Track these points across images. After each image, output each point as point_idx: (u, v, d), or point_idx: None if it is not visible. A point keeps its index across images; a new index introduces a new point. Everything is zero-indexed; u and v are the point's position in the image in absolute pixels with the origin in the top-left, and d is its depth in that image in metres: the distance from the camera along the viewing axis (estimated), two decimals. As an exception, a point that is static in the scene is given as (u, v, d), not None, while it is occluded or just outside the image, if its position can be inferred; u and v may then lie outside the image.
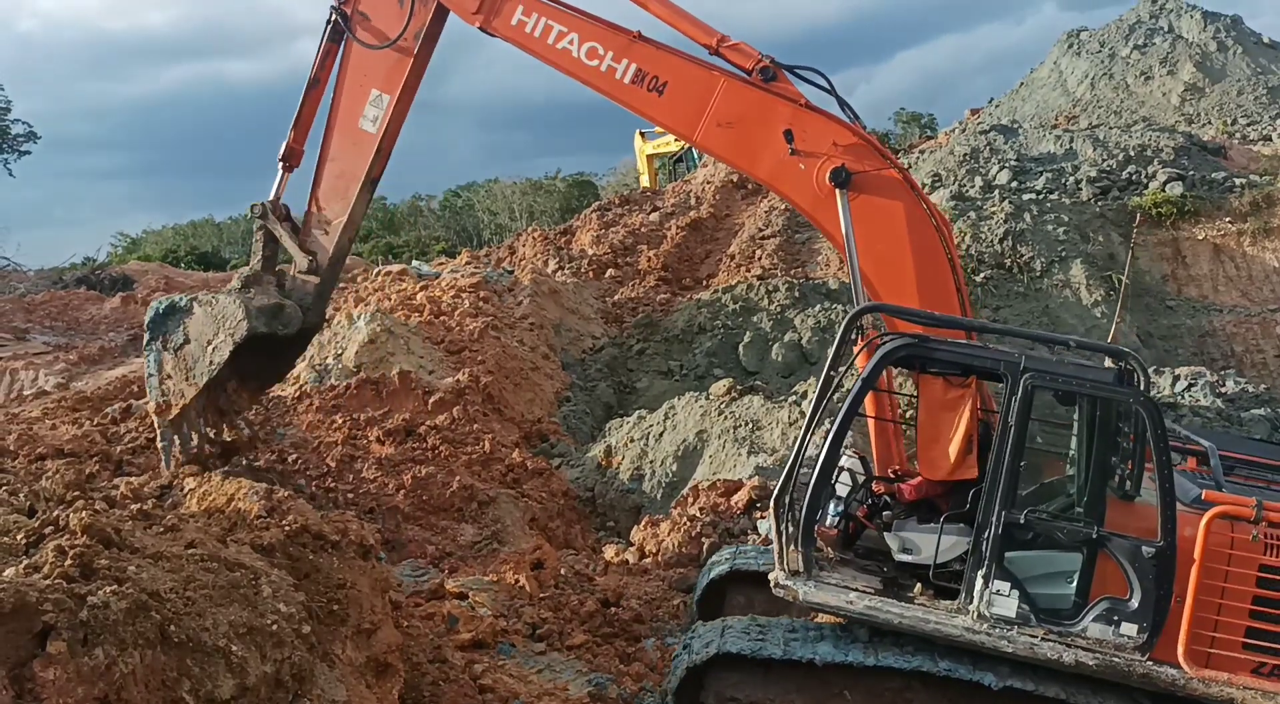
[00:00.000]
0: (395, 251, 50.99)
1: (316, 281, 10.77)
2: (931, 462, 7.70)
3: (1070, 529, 7.03)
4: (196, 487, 8.08)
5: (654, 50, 9.16)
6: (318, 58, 10.54)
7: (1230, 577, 6.84)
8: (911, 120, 65.86)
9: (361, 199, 10.64)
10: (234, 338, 10.29)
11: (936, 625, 7.09)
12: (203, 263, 49.81)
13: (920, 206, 8.57)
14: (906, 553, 7.59)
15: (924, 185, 28.35)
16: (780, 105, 8.84)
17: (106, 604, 4.81)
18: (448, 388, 15.86)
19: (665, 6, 9.46)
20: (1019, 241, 24.49)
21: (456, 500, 12.96)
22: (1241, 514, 6.82)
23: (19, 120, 57.73)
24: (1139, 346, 22.67)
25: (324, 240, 10.75)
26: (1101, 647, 6.94)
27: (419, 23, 10.00)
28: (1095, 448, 7.19)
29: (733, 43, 9.11)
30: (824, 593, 7.28)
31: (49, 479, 8.15)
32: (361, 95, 10.35)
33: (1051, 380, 7.11)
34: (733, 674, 7.54)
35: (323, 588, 6.94)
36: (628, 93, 9.22)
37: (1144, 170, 27.24)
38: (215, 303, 10.51)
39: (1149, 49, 39.89)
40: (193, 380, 10.55)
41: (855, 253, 8.45)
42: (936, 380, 7.80)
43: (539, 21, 9.44)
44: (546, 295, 23.32)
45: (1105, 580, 6.99)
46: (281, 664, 5.71)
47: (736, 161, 9.54)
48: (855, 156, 8.57)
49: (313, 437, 14.14)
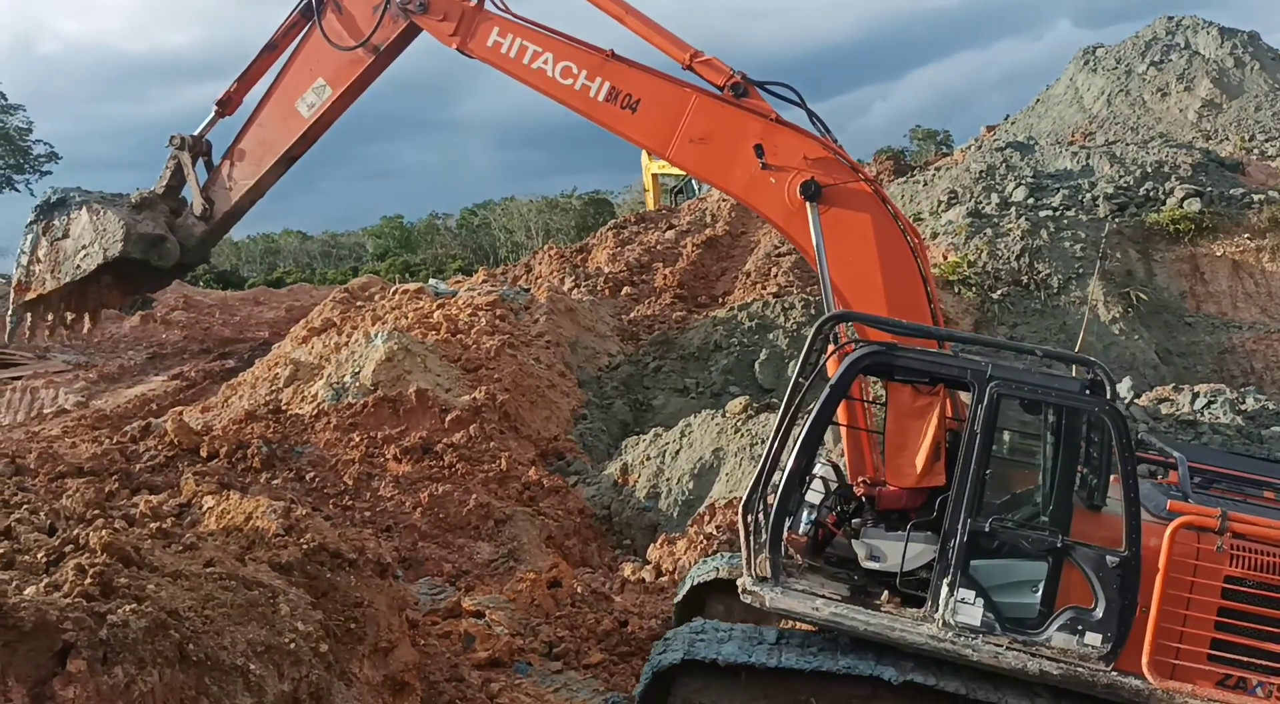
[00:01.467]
0: (412, 269, 51.24)
1: (204, 229, 10.97)
2: (899, 469, 7.76)
3: (1035, 538, 7.01)
4: (215, 504, 8.11)
5: (627, 69, 9.34)
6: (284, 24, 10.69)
7: (1196, 588, 6.81)
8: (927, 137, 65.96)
9: (273, 171, 10.83)
10: (105, 254, 10.61)
11: (901, 633, 7.08)
12: (221, 281, 50.09)
13: (890, 218, 8.67)
14: (873, 560, 7.57)
15: (939, 202, 28.33)
16: (751, 120, 8.98)
17: (126, 622, 4.83)
18: (464, 406, 15.90)
19: (641, 22, 9.61)
20: (1035, 258, 24.43)
21: (473, 518, 12.97)
22: (1206, 525, 6.80)
23: (40, 141, 58.42)
24: (1157, 364, 22.56)
25: (226, 195, 10.94)
26: (1066, 656, 6.91)
27: (384, 35, 10.17)
28: (1061, 457, 7.21)
29: (705, 58, 9.27)
30: (790, 599, 7.28)
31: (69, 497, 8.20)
32: (307, 78, 10.53)
33: (1017, 389, 7.11)
34: (699, 680, 7.55)
35: (340, 606, 6.95)
36: (602, 111, 9.37)
37: (1161, 187, 27.14)
38: (102, 214, 10.72)
39: (1165, 65, 39.83)
40: (56, 275, 10.87)
41: (826, 264, 8.58)
42: (905, 388, 7.84)
43: (514, 42, 9.64)
44: (563, 313, 23.35)
45: (1071, 590, 6.97)
46: (299, 683, 5.72)
47: (710, 177, 9.72)
48: (826, 170, 8.70)
49: (330, 454, 14.18)
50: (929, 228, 26.97)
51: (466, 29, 9.78)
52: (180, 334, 27.85)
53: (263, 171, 10.80)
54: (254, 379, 19.00)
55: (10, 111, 56.76)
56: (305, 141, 10.72)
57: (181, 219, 11.03)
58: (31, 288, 10.90)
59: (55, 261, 10.90)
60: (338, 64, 10.36)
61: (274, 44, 10.76)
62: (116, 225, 10.61)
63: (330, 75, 10.41)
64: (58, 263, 10.89)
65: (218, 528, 7.52)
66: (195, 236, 11.00)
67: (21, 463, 11.26)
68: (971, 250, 24.95)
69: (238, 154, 10.91)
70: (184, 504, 8.79)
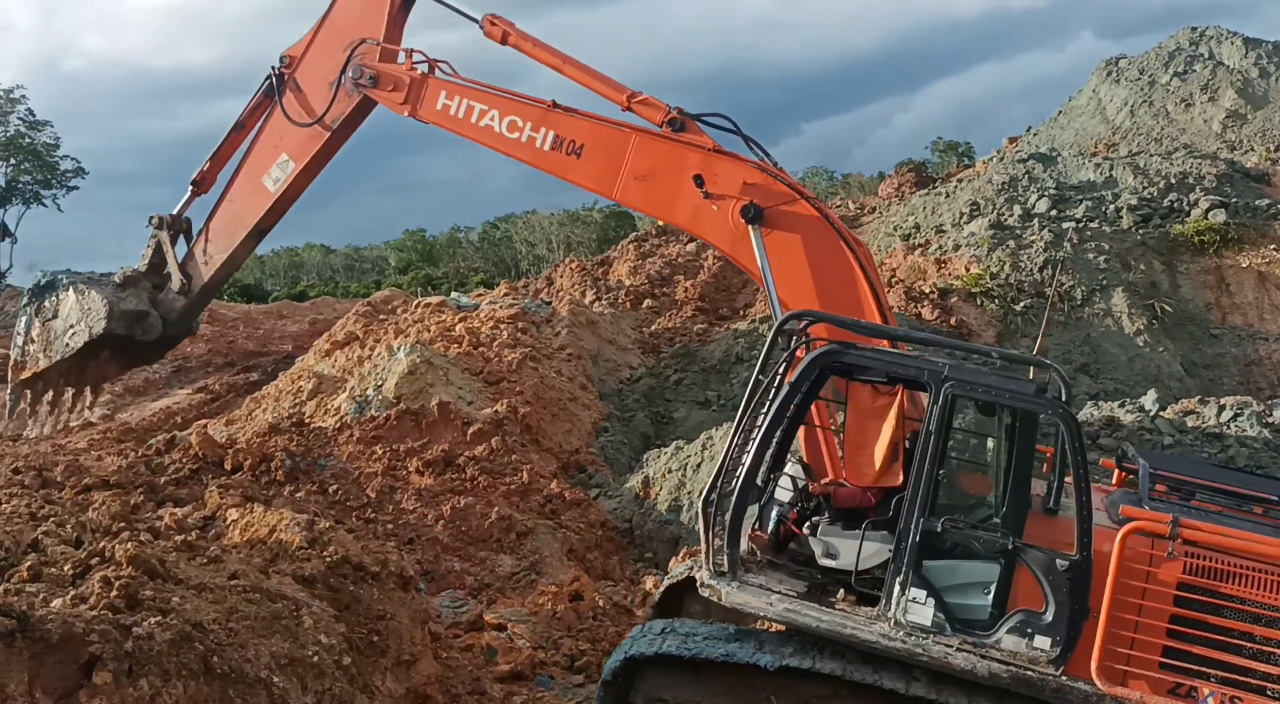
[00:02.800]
0: (434, 283, 51.42)
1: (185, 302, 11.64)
2: (858, 468, 7.83)
3: (987, 539, 7.00)
4: (239, 517, 8.15)
5: (568, 117, 9.75)
6: (249, 104, 11.39)
7: (1148, 594, 6.76)
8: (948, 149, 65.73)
9: (246, 244, 11.53)
10: (91, 332, 11.29)
11: (853, 631, 7.06)
12: (245, 295, 50.40)
13: (832, 233, 8.91)
14: (829, 558, 7.56)
15: (961, 214, 28.24)
16: (690, 153, 9.30)
17: (151, 635, 4.87)
18: (486, 419, 15.93)
19: (578, 69, 10.08)
20: (1059, 270, 24.31)
21: (495, 531, 12.98)
22: (1157, 531, 6.73)
23: (68, 156, 58.96)
24: (1182, 376, 22.38)
25: (202, 269, 11.63)
26: (1015, 659, 6.87)
27: (340, 109, 10.82)
28: (1015, 459, 7.22)
29: (642, 97, 9.68)
30: (746, 594, 7.30)
31: (95, 510, 8.28)
32: (272, 154, 11.18)
33: (971, 390, 7.12)
34: (662, 675, 7.60)
35: (363, 619, 6.98)
36: (549, 160, 9.79)
37: (1186, 198, 26.97)
38: (87, 294, 11.37)
39: (1189, 76, 39.60)
40: (49, 354, 11.57)
41: (772, 283, 8.85)
42: (865, 388, 7.97)
43: (461, 103, 10.14)
44: (584, 326, 23.38)
45: (1022, 593, 6.94)
46: (322, 695, 5.74)
47: (656, 212, 10.10)
48: (764, 193, 8.97)
49: (353, 467, 14.22)
50: (951, 240, 26.87)
51: (415, 97, 10.36)
52: (204, 347, 28.01)
53: (235, 245, 11.43)
54: (278, 392, 19.09)
55: (38, 128, 57.28)
56: (274, 214, 11.37)
57: (163, 294, 11.70)
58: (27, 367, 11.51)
59: (47, 341, 11.64)
60: (299, 140, 10.98)
61: (241, 124, 11.49)
62: (100, 304, 11.27)
63: (293, 151, 11.04)
64: (49, 342, 11.62)
65: (242, 541, 7.57)
66: (176, 310, 11.68)
67: (48, 475, 11.34)
68: (994, 262, 24.85)
69: (212, 230, 11.55)
70: (208, 517, 8.85)
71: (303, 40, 11.20)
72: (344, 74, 10.65)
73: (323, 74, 10.90)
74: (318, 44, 11.07)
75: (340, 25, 10.97)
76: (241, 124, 11.46)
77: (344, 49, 10.74)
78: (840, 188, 62.50)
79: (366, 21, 10.82)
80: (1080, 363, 22.23)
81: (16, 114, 56.19)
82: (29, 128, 56.83)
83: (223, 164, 11.65)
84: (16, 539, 6.35)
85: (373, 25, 10.78)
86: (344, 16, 10.99)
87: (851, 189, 58.61)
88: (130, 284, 11.56)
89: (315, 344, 22.81)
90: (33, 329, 11.70)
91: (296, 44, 11.24)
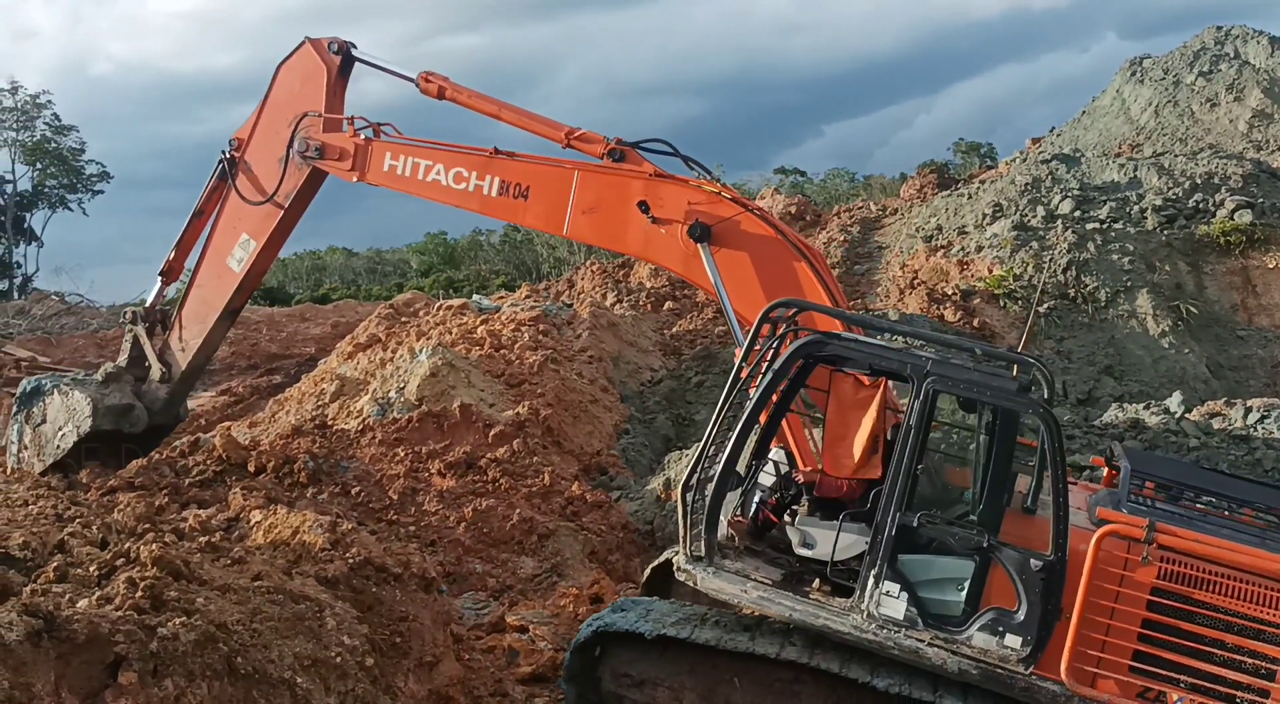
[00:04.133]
0: (456, 286, 51.54)
1: (167, 390, 11.88)
2: (837, 459, 7.84)
3: (962, 536, 7.00)
4: (263, 519, 8.19)
5: (510, 162, 9.95)
6: (205, 192, 11.62)
7: (1121, 597, 6.76)
8: (970, 150, 65.48)
9: (219, 327, 11.77)
10: (79, 431, 11.51)
11: (825, 621, 7.11)
12: (268, 298, 50.68)
13: (781, 243, 9.05)
14: (806, 547, 7.61)
15: (984, 215, 28.10)
16: (632, 181, 9.46)
17: (176, 635, 4.89)
18: (508, 421, 15.95)
19: (515, 113, 10.29)
20: (1083, 271, 24.16)
21: (516, 533, 12.99)
22: (1132, 534, 6.73)
23: (93, 160, 59.51)
24: (1208, 378, 22.20)
25: (180, 357, 11.88)
26: (986, 656, 6.89)
27: (291, 184, 11.03)
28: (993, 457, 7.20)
29: (580, 132, 9.86)
30: (721, 580, 7.38)
31: (120, 512, 8.33)
32: (233, 236, 11.40)
33: (952, 385, 7.12)
34: (629, 651, 7.72)
35: (386, 620, 7.00)
36: (497, 206, 9.99)
37: (1211, 198, 26.76)
38: (71, 395, 11.64)
39: (1214, 75, 39.31)
40: (42, 458, 11.79)
41: (726, 297, 9.02)
42: (847, 379, 7.95)
43: (406, 162, 10.37)
44: (605, 328, 23.38)
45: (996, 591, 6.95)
46: (345, 696, 5.76)
47: (609, 243, 10.22)
48: (710, 211, 9.13)
49: (375, 469, 14.27)
50: (973, 241, 26.75)
51: (362, 163, 10.61)
52: (228, 350, 28.17)
53: (209, 329, 11.68)
54: (300, 394, 19.16)
55: (64, 132, 57.87)
56: (242, 293, 11.64)
57: (146, 386, 11.94)
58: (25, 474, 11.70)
59: (39, 445, 11.83)
60: (256, 219, 11.21)
61: (200, 211, 11.71)
62: (84, 402, 11.48)
63: (252, 229, 11.26)
64: (41, 446, 11.82)
65: (265, 542, 7.60)
66: (161, 400, 11.90)
67: (74, 477, 11.45)
68: (1017, 264, 24.73)
69: (184, 317, 11.84)
70: (232, 518, 8.90)
71: (248, 122, 11.44)
72: (290, 149, 10.89)
73: (271, 151, 11.13)
74: (263, 123, 11.31)
75: (281, 102, 11.20)
76: (200, 211, 11.71)
77: (288, 125, 10.97)
78: (862, 189, 62.29)
79: (307, 94, 11.03)
80: (1104, 365, 22.09)
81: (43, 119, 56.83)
82: (55, 132, 57.43)
83: (187, 252, 11.92)
84: (43, 540, 6.40)
85: (313, 97, 10.98)
86: (284, 93, 11.23)
87: (873, 190, 58.40)
88: (113, 380, 11.82)
89: (338, 347, 22.88)
90: (24, 436, 11.96)
91: (243, 126, 11.49)
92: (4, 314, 33.43)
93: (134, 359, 12.03)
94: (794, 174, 71.57)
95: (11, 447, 12.12)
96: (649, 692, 7.73)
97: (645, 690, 7.74)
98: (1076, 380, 21.07)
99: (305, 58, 11.19)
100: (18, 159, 56.60)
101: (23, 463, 11.83)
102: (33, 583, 5.26)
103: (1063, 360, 22.26)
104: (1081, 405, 19.96)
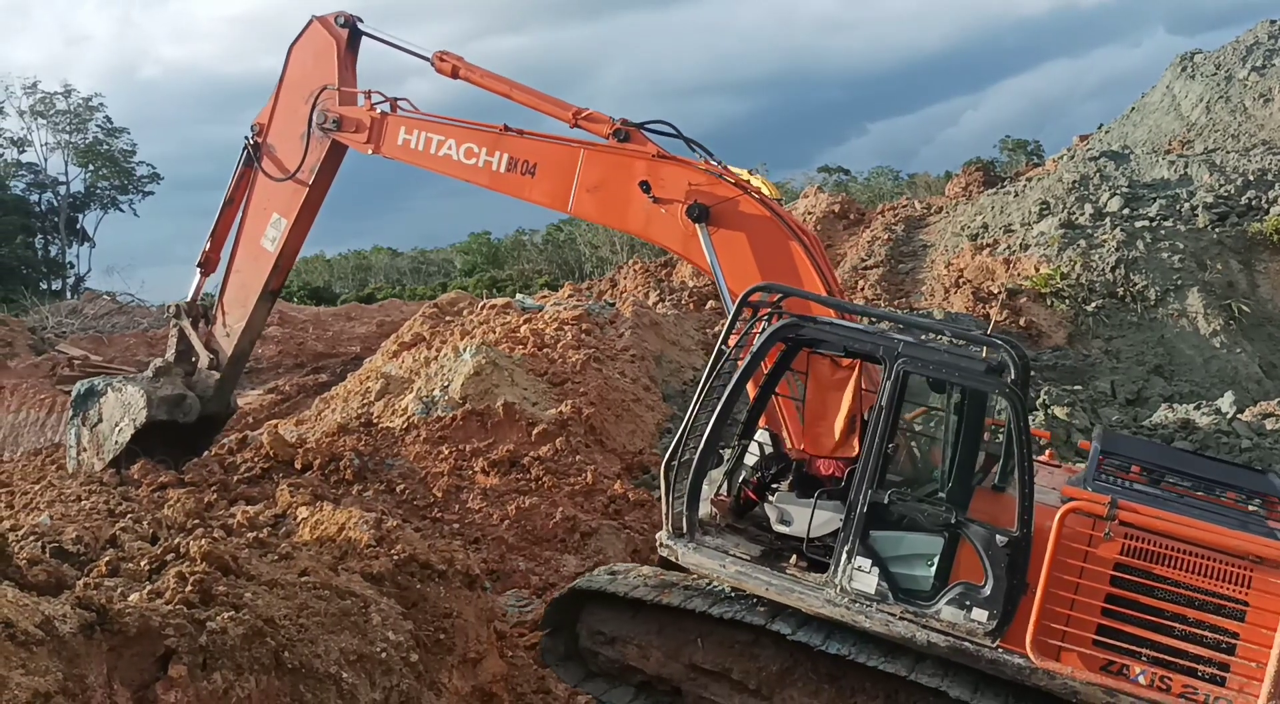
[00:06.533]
0: (499, 285, 51.76)
1: (217, 377, 12.03)
2: (816, 438, 8.18)
3: (931, 513, 7.21)
4: (309, 515, 8.27)
5: (520, 139, 10.19)
6: (233, 180, 11.87)
7: (1086, 573, 6.91)
8: (1017, 147, 64.77)
9: (260, 309, 11.93)
10: (135, 423, 11.66)
11: (800, 596, 7.36)
12: (314, 297, 51.18)
13: (779, 226, 9.21)
14: (784, 524, 7.86)
15: (1031, 213, 27.79)
16: (636, 161, 9.66)
17: (224, 630, 4.95)
18: (551, 419, 15.99)
19: (525, 93, 10.54)
20: (1132, 270, 23.82)
21: (559, 531, 13.02)
22: (1094, 511, 6.87)
23: (143, 162, 60.43)
24: (1261, 378, 21.81)
25: (225, 342, 12.07)
26: (954, 630, 7.07)
27: (314, 158, 11.25)
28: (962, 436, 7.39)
29: (588, 113, 10.06)
30: (701, 555, 7.70)
31: (170, 507, 8.45)
32: (264, 217, 11.63)
33: (922, 366, 7.32)
34: (604, 610, 8.20)
35: (430, 617, 7.04)
36: (505, 181, 10.21)
37: (1264, 195, 26.29)
38: (124, 390, 11.85)
39: (1268, 71, 38.54)
40: (102, 456, 11.91)
41: (722, 278, 9.22)
42: (824, 361, 8.25)
43: (420, 136, 10.62)
44: (648, 327, 23.38)
45: (964, 566, 7.12)
46: (390, 692, 5.81)
47: (611, 221, 10.51)
48: (709, 193, 9.32)
49: (420, 467, 14.36)
50: (1020, 239, 26.47)
51: (377, 136, 10.84)
52: (275, 349, 28.50)
53: (250, 312, 11.86)
54: (346, 393, 19.34)
55: (115, 135, 58.81)
56: (279, 273, 11.82)
57: (196, 376, 12.15)
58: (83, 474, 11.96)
59: (97, 445, 12.03)
60: (284, 197, 11.45)
61: (230, 199, 11.95)
62: (138, 395, 11.70)
63: (281, 208, 11.50)
64: (100, 445, 12.01)
65: (312, 538, 7.68)
66: (211, 387, 12.07)
67: (125, 474, 11.62)
68: (1065, 262, 24.43)
69: (226, 304, 12.07)
70: (279, 515, 9.00)
71: (267, 106, 11.66)
72: (310, 123, 11.14)
73: (292, 130, 11.36)
74: (281, 103, 11.55)
75: (296, 81, 11.44)
76: (230, 200, 11.94)
77: (306, 101, 11.21)
78: (906, 187, 61.81)
79: (320, 70, 11.26)
80: (1154, 364, 21.78)
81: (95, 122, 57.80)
82: (107, 135, 58.38)
83: (222, 242, 12.14)
84: (95, 535, 6.51)
85: (326, 72, 11.22)
86: (298, 71, 11.47)
87: (918, 189, 57.93)
88: (163, 374, 12.04)
89: (383, 346, 23.07)
90: (83, 438, 12.17)
91: (262, 112, 11.71)
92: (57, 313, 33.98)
93: (181, 353, 12.24)
94: (838, 172, 71.22)
95: (71, 450, 12.33)
96: (620, 649, 8.18)
97: (616, 647, 8.19)
98: (1125, 380, 20.79)
99: (314, 35, 11.45)
100: (71, 161, 57.65)
101: (83, 464, 12.00)
102: (86, 577, 5.34)
103: (1111, 360, 21.97)
104: (1130, 405, 19.69)
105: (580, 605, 8.31)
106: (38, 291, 45.60)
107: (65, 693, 4.19)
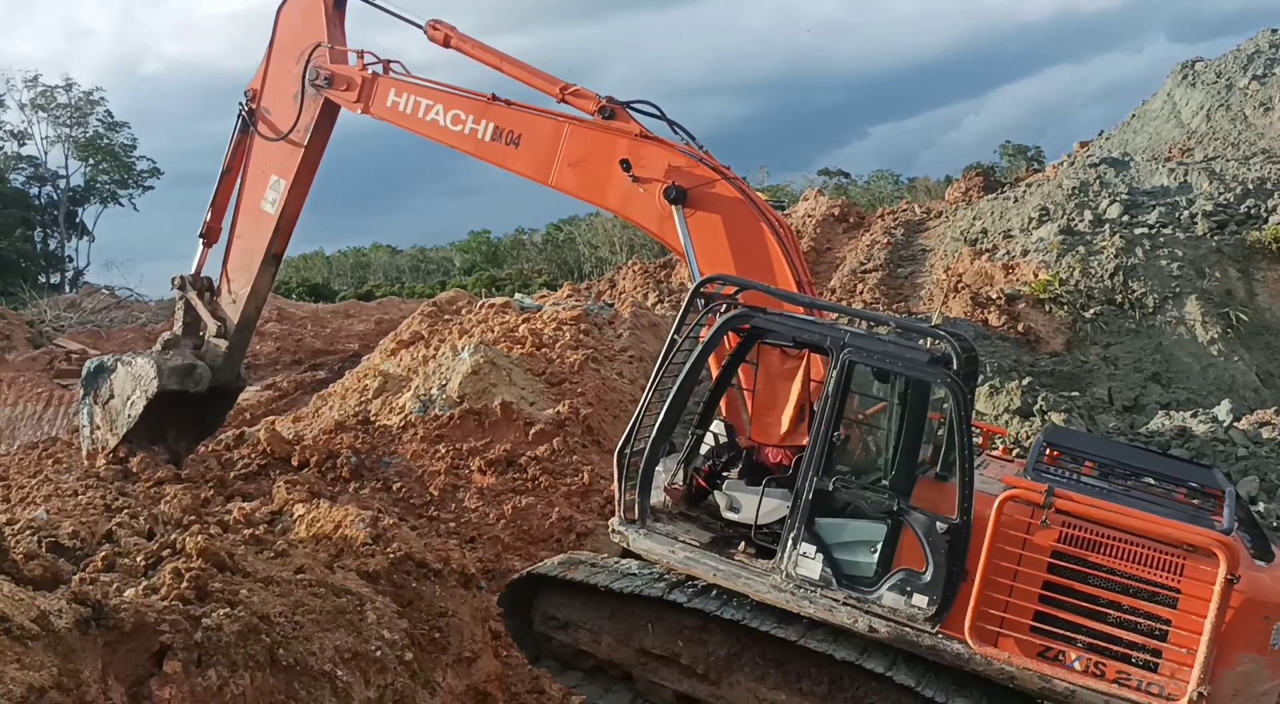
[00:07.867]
0: (498, 284, 51.79)
1: (226, 345, 12.00)
2: (765, 427, 8.34)
3: (874, 500, 7.38)
4: (305, 513, 8.27)
5: (506, 109, 10.25)
6: (230, 147, 11.83)
7: (1023, 561, 7.04)
8: (1018, 152, 64.84)
9: (264, 273, 11.90)
10: (147, 394, 11.57)
11: (746, 581, 7.56)
12: (313, 294, 51.19)
13: (754, 212, 9.28)
14: (733, 511, 8.06)
15: (1030, 219, 27.83)
16: (618, 139, 9.72)
17: (220, 626, 4.96)
18: (548, 419, 15.99)
19: (515, 65, 10.56)
20: (1130, 277, 23.84)
21: (556, 531, 13.02)
22: (1031, 499, 7.00)
23: (143, 157, 60.47)
24: (1258, 386, 21.84)
25: (231, 310, 12.05)
26: (895, 616, 7.22)
27: (308, 117, 11.24)
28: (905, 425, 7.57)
29: (574, 88, 10.13)
30: (651, 541, 7.94)
31: (167, 503, 8.45)
32: (263, 180, 11.63)
33: (867, 356, 7.50)
34: (558, 596, 8.49)
35: (425, 615, 7.04)
36: (489, 150, 10.27)
37: (1264, 204, 26.31)
38: (134, 363, 11.82)
39: (1269, 79, 38.60)
40: (115, 432, 11.82)
41: (695, 261, 9.31)
42: (774, 351, 8.44)
43: (409, 99, 10.68)
44: (646, 328, 23.37)
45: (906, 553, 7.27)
46: (384, 690, 5.81)
47: (590, 197, 10.42)
48: (688, 175, 9.38)
49: (417, 465, 14.36)
50: (1019, 245, 26.48)
51: (367, 95, 10.88)
52: (273, 346, 28.50)
53: (254, 276, 11.84)
54: (344, 390, 19.34)
55: (116, 129, 58.86)
56: (281, 235, 11.73)
57: (204, 347, 12.10)
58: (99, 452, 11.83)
59: (111, 420, 11.93)
60: (282, 158, 11.44)
61: (229, 167, 11.92)
62: (148, 367, 11.65)
63: (279, 169, 11.49)
64: (113, 421, 11.91)
65: (308, 536, 7.68)
66: (221, 355, 12.02)
67: (123, 468, 11.61)
68: (1063, 268, 24.45)
69: (230, 270, 12.06)
70: (276, 512, 8.99)
71: (259, 72, 11.65)
72: (304, 82, 11.15)
73: (286, 91, 11.36)
74: (273, 66, 11.53)
75: (287, 42, 11.44)
76: (229, 167, 11.93)
77: (298, 61, 11.21)
78: (906, 191, 61.83)
79: (310, 28, 11.27)
80: (1152, 371, 21.79)
81: (96, 116, 57.87)
82: (107, 129, 58.45)
83: (223, 211, 12.12)
84: (92, 530, 6.51)
85: (316, 30, 11.23)
86: (288, 33, 11.47)
87: (918, 193, 57.96)
88: (171, 346, 12.02)
89: (381, 343, 23.07)
90: (95, 416, 12.08)
91: (254, 78, 11.69)
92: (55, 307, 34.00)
93: (189, 326, 12.19)
94: (838, 175, 71.27)
95: (84, 430, 12.24)
96: (572, 633, 8.39)
97: (569, 632, 8.41)
98: (1122, 387, 20.81)
99: None
100: (71, 155, 57.70)
101: (97, 443, 11.93)
102: (81, 572, 5.34)
103: (1109, 366, 21.99)
104: (1127, 412, 19.71)
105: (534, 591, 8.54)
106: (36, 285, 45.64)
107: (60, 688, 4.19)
